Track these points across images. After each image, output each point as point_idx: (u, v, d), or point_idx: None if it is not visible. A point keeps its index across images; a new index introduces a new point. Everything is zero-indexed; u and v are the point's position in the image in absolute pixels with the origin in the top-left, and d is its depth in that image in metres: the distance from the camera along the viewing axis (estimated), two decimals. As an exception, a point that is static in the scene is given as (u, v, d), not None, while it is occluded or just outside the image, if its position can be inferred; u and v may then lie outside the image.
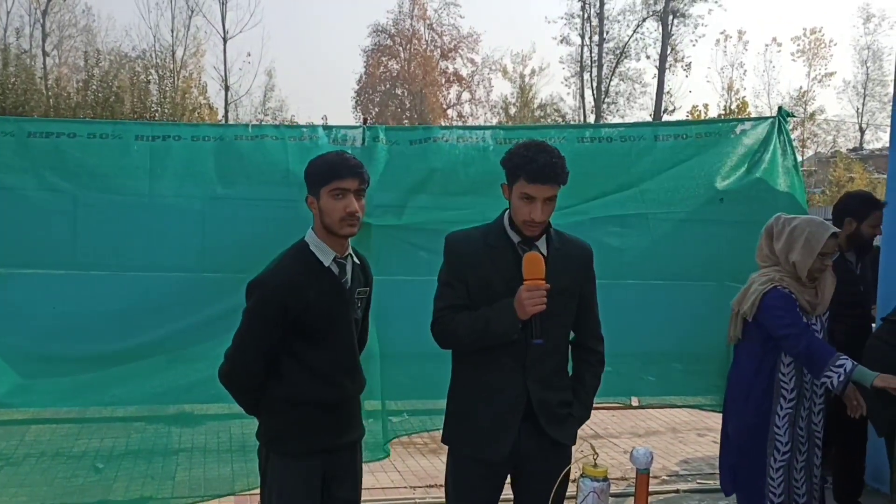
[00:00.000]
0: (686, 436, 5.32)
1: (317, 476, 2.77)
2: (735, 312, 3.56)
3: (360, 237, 3.10)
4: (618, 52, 38.15)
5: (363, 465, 3.07)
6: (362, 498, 4.74)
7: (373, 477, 5.09)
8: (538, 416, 2.76)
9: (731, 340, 3.64)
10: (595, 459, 2.38)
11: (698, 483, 5.43)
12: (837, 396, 3.43)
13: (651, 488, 5.23)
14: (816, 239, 3.32)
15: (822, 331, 3.44)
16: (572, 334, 2.96)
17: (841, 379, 3.14)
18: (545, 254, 2.74)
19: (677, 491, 5.21)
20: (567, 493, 2.82)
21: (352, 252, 2.87)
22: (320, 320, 2.73)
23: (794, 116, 5.49)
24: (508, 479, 2.93)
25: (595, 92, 38.22)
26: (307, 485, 2.76)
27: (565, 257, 2.81)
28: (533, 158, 2.63)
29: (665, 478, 5.53)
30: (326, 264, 2.75)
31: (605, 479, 2.36)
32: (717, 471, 5.43)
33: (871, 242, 4.62)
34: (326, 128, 4.71)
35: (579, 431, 4.48)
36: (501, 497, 2.91)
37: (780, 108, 4.99)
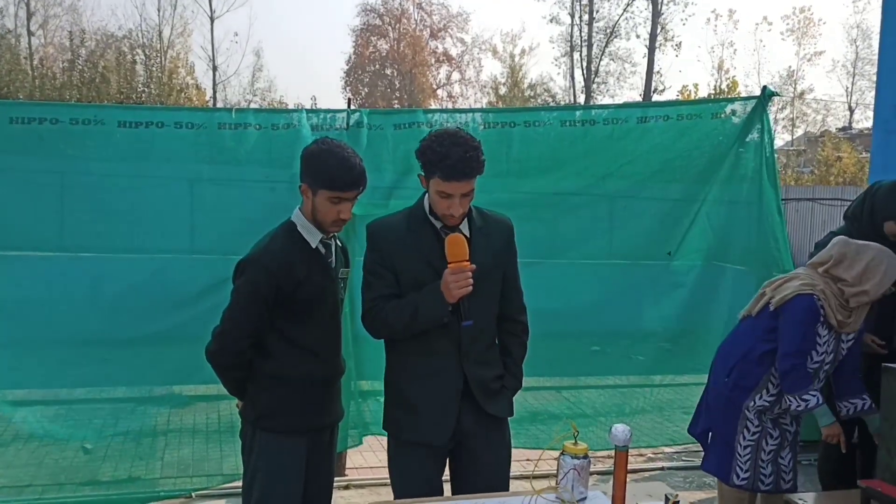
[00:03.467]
0: (672, 414, 5.37)
1: (302, 455, 2.80)
2: (762, 293, 3.60)
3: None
4: (608, 31, 38.01)
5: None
6: (351, 477, 4.83)
7: (360, 456, 5.13)
8: (475, 394, 2.77)
9: (743, 314, 3.68)
10: (576, 437, 2.41)
11: (683, 460, 5.50)
12: None
13: (636, 466, 5.33)
14: (894, 272, 3.38)
15: (833, 352, 3.45)
16: None
17: (800, 408, 3.35)
18: (468, 234, 2.73)
19: (662, 468, 5.28)
20: (545, 472, 2.85)
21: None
22: (310, 298, 2.76)
23: (779, 95, 5.51)
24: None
25: (585, 72, 38.11)
26: (293, 462, 2.79)
27: (487, 236, 2.80)
28: (446, 155, 2.55)
29: (650, 455, 5.60)
30: (314, 245, 2.78)
31: (586, 456, 2.40)
32: (702, 448, 5.54)
33: None
34: (312, 111, 4.71)
35: (565, 409, 4.51)
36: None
37: (764, 88, 4.99)
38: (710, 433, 3.67)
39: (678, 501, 2.27)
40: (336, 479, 3.30)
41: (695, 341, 5.10)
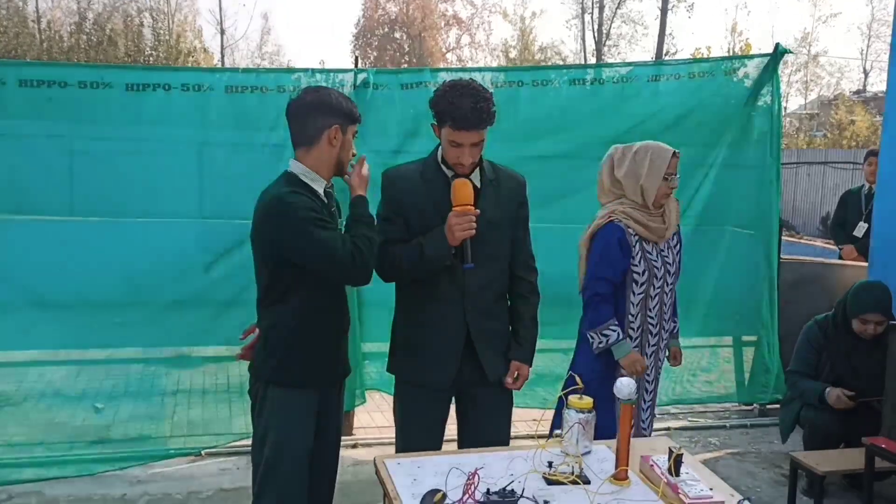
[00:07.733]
0: (679, 374, 5.38)
1: (313, 409, 2.79)
2: (582, 255, 3.45)
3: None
4: (620, -8, 37.46)
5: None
6: (358, 436, 4.88)
7: (368, 416, 5.17)
8: (477, 348, 2.85)
9: (580, 288, 3.44)
10: (581, 392, 2.42)
11: (689, 421, 5.53)
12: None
13: (641, 426, 5.34)
14: (662, 158, 3.24)
15: (669, 253, 3.36)
16: None
17: (602, 345, 3.25)
18: (478, 185, 2.80)
19: (668, 429, 5.30)
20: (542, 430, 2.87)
21: None
22: None
23: (792, 53, 5.45)
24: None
25: (596, 34, 37.64)
26: (304, 417, 2.78)
27: (498, 189, 2.87)
28: (457, 105, 2.62)
29: (656, 416, 5.61)
30: (320, 192, 2.73)
31: (591, 410, 2.41)
32: (708, 409, 5.54)
33: None
34: (318, 70, 4.68)
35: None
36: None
37: (776, 46, 4.92)
38: None
39: (682, 454, 2.28)
40: (344, 437, 3.32)
41: (689, 304, 5.07)
